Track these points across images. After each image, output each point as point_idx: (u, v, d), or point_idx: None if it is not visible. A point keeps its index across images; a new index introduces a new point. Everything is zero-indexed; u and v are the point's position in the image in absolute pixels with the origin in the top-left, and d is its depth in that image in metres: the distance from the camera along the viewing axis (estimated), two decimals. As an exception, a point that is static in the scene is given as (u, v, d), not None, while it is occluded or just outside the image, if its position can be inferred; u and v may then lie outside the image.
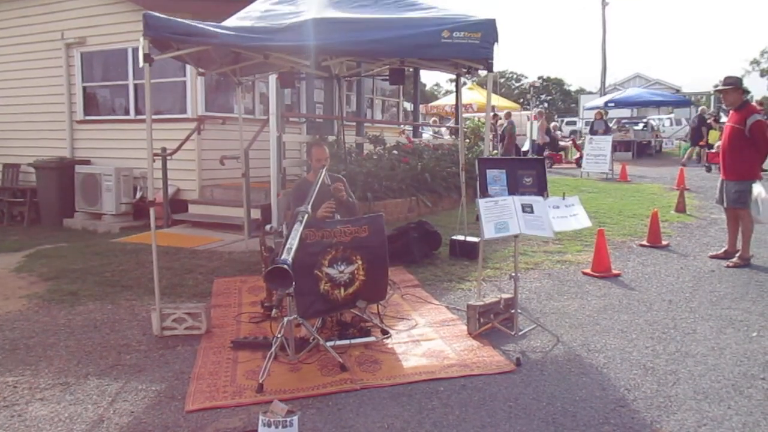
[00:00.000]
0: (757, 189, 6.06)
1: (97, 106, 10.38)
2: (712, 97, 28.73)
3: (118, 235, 8.21)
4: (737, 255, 6.25)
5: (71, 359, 3.97)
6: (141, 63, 4.19)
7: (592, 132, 16.93)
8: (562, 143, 20.12)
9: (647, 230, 7.35)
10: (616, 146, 17.12)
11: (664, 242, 7.19)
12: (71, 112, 10.18)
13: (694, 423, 3.06)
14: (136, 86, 9.59)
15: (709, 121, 20.10)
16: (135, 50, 9.21)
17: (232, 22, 4.71)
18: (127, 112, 9.85)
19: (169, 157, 8.52)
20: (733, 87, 6.20)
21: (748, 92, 7.12)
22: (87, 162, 9.75)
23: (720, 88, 6.33)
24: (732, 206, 6.25)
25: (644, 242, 7.23)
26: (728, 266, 6.12)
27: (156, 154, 8.04)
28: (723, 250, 6.55)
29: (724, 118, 13.33)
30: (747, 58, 75.40)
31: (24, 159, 10.18)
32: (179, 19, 4.21)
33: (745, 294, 5.24)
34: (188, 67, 8.33)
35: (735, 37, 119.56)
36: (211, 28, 4.21)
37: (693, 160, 18.10)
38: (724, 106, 8.87)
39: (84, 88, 10.16)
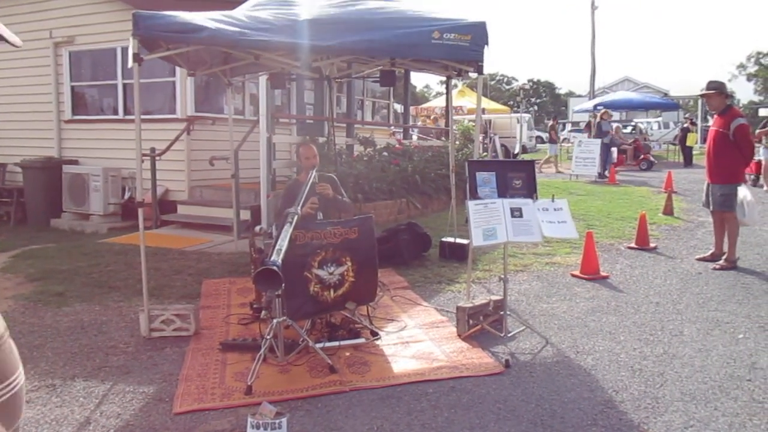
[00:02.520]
0: (743, 192, 6.14)
1: (86, 105, 10.30)
2: (699, 101, 29.05)
3: (106, 236, 8.15)
4: (724, 257, 6.31)
5: (58, 361, 3.93)
6: (130, 63, 4.14)
7: (602, 133, 16.59)
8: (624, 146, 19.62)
9: (635, 233, 7.41)
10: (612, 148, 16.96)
11: (651, 245, 7.24)
12: (59, 111, 10.09)
13: (681, 424, 3.08)
14: (125, 86, 9.52)
15: (686, 125, 20.29)
16: (124, 50, 9.14)
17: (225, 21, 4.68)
18: (115, 112, 9.78)
19: (158, 158, 8.46)
20: (717, 92, 6.25)
21: (731, 96, 7.19)
22: (75, 162, 9.66)
23: (704, 92, 6.39)
24: (718, 209, 6.31)
25: (632, 245, 7.28)
26: (715, 269, 6.18)
27: (145, 155, 7.99)
28: (710, 252, 6.61)
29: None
30: (734, 62, 76.31)
31: (11, 158, 10.07)
32: (169, 13, 4.16)
33: (732, 296, 5.29)
34: (178, 67, 8.28)
35: (722, 41, 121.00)
36: (204, 23, 4.15)
37: None
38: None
39: (72, 88, 10.07)
